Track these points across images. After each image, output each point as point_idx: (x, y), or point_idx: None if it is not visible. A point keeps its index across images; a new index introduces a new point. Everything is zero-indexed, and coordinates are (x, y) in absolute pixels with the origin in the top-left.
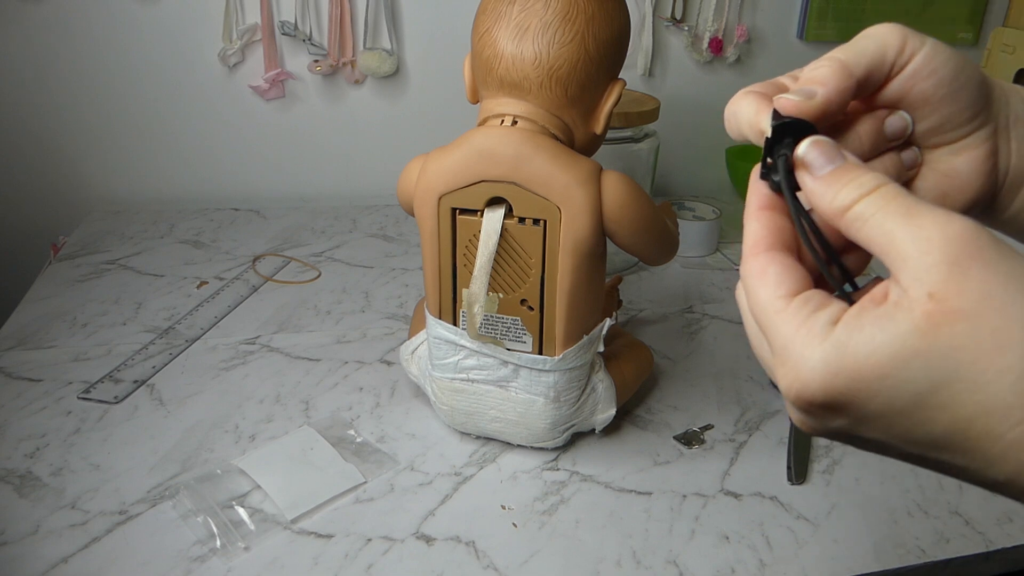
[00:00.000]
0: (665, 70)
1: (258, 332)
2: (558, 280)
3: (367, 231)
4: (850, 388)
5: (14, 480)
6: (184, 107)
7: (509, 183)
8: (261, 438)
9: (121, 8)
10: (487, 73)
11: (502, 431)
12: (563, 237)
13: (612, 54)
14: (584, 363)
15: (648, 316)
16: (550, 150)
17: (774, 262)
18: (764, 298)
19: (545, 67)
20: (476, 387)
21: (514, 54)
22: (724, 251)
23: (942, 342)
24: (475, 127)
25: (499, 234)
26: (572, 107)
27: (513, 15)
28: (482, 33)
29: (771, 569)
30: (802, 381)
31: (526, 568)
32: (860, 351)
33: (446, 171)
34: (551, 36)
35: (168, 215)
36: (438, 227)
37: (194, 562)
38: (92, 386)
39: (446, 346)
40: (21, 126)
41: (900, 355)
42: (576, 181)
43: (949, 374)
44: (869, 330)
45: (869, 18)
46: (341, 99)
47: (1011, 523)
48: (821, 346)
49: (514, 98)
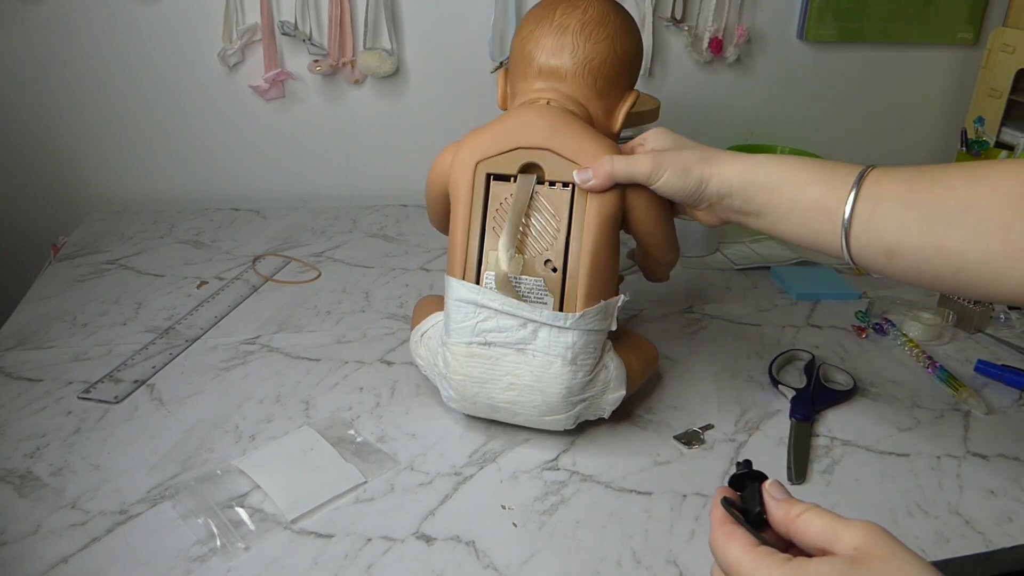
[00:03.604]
0: (665, 70)
1: (258, 332)
2: (583, 240)
3: (367, 231)
4: None
5: (14, 480)
6: (184, 107)
7: (543, 149)
8: (261, 438)
9: (121, 8)
10: (527, 66)
11: (515, 401)
12: (589, 199)
13: (631, 63)
14: (601, 329)
15: (648, 316)
16: (581, 124)
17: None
18: (736, 548)
19: (581, 58)
20: (493, 351)
21: (554, 46)
22: (724, 251)
23: (863, 568)
24: None
25: (530, 195)
26: (599, 99)
27: (555, 18)
28: (525, 34)
29: None
30: None
31: (526, 568)
32: (811, 572)
33: (485, 140)
34: (588, 33)
35: (168, 215)
36: (472, 191)
37: (194, 562)
38: (92, 386)
39: (466, 308)
40: (21, 126)
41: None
42: (605, 150)
43: None
44: (817, 564)
45: (869, 18)
46: (341, 99)
47: (1011, 523)
48: (780, 568)
49: (550, 83)
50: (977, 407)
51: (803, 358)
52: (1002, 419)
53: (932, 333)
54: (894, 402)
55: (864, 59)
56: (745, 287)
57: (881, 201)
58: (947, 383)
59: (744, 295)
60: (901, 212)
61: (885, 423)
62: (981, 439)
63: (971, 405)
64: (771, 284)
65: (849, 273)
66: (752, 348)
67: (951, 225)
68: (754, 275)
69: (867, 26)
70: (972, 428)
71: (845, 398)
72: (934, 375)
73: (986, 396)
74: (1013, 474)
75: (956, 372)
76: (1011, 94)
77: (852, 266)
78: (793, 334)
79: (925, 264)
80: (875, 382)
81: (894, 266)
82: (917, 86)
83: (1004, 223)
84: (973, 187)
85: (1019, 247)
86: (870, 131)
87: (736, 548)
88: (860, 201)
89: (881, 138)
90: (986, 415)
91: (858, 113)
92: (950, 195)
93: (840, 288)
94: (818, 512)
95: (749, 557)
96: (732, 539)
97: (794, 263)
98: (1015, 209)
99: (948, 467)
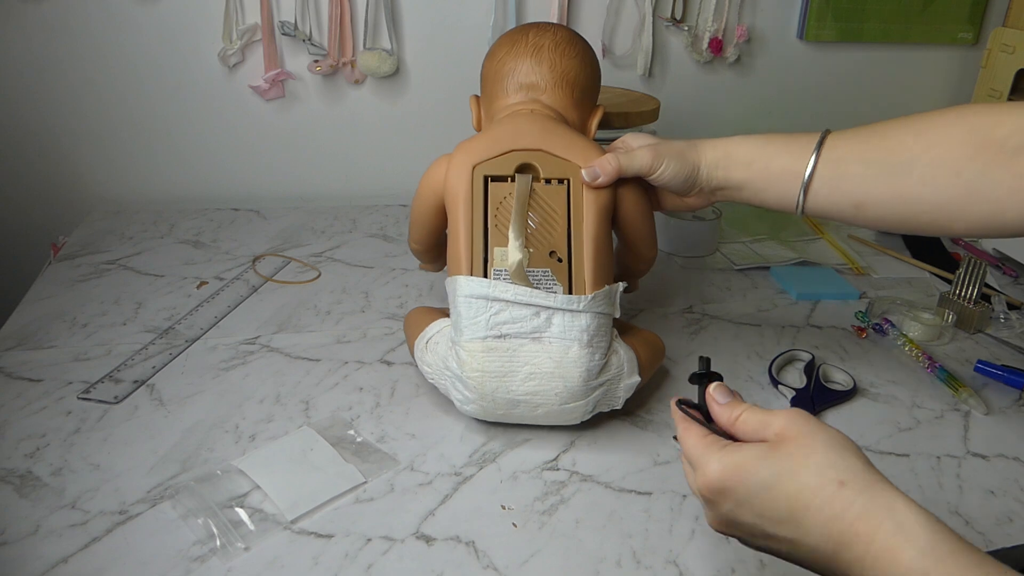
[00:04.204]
0: (665, 70)
1: (258, 332)
2: (584, 229)
3: (367, 231)
4: (731, 478)
5: (14, 480)
6: (184, 107)
7: (536, 150)
8: (261, 438)
9: (121, 8)
10: (505, 84)
11: (536, 391)
12: (586, 193)
13: (596, 80)
14: (608, 313)
15: (648, 316)
16: (568, 127)
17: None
18: (691, 439)
19: (559, 71)
20: (509, 342)
21: (532, 63)
22: (724, 251)
23: (779, 452)
24: None
25: (529, 191)
26: (575, 109)
27: (529, 40)
28: (501, 56)
29: (771, 569)
30: (706, 476)
31: (526, 568)
32: (736, 458)
33: (478, 146)
34: (562, 51)
35: (168, 215)
36: (471, 192)
37: (194, 562)
38: (92, 386)
39: (478, 303)
40: (21, 126)
41: (757, 460)
42: (593, 149)
43: (782, 469)
44: (747, 448)
45: (869, 18)
46: (341, 99)
47: (1011, 523)
48: (716, 455)
49: (531, 96)
50: (977, 407)
51: (803, 358)
52: (1002, 419)
53: (932, 333)
54: (894, 402)
55: (864, 59)
56: (745, 287)
57: (842, 161)
58: (947, 383)
59: (744, 295)
60: (863, 169)
61: (885, 423)
62: (981, 439)
63: (971, 405)
64: (771, 284)
65: (849, 273)
66: (752, 348)
67: (908, 175)
68: (754, 275)
69: (867, 26)
70: (972, 428)
71: (845, 398)
72: (934, 375)
73: (986, 396)
74: (1013, 474)
75: (956, 372)
76: (1011, 94)
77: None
78: (793, 334)
79: (890, 212)
80: (875, 382)
81: (862, 216)
82: (917, 86)
83: (955, 169)
84: (922, 139)
85: (970, 188)
86: None
87: (691, 439)
88: (821, 163)
89: None
90: (986, 415)
91: (858, 113)
92: (903, 148)
93: (840, 288)
94: (752, 411)
95: (700, 446)
96: (688, 433)
97: (794, 263)
98: (963, 156)
99: (948, 467)
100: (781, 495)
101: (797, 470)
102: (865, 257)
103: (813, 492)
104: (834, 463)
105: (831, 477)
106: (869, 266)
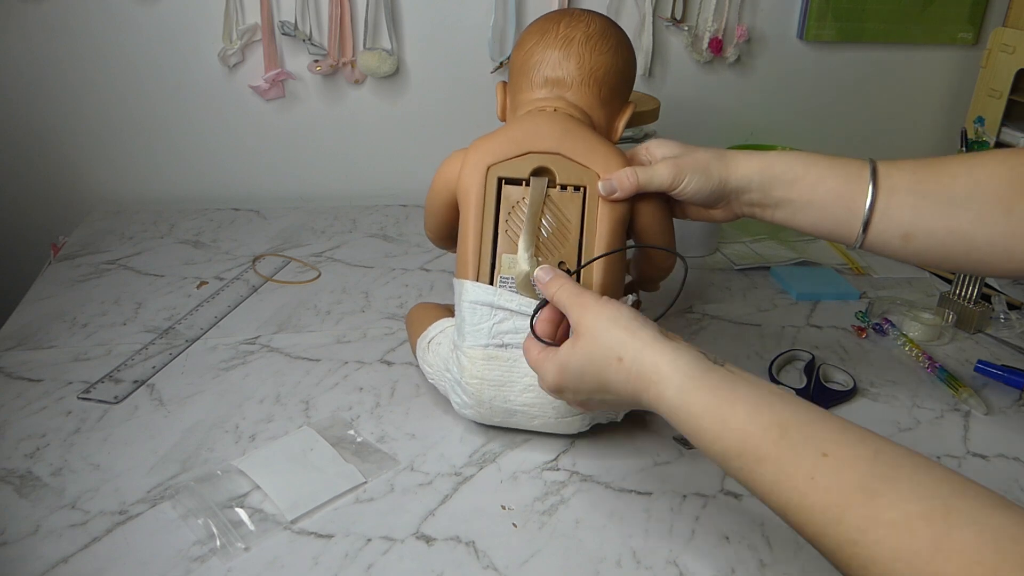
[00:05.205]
0: (665, 70)
1: (258, 332)
2: (596, 241)
3: (367, 231)
4: (560, 377)
5: (14, 480)
6: (184, 107)
7: (554, 154)
8: (261, 438)
9: (121, 8)
10: (531, 77)
11: (533, 403)
12: (601, 204)
13: (629, 76)
14: None
15: (648, 316)
16: (590, 130)
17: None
18: (532, 354)
19: (587, 68)
20: (510, 352)
21: (560, 56)
22: (724, 251)
23: (578, 347)
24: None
25: (544, 197)
26: (602, 107)
27: (560, 31)
28: (529, 47)
29: (771, 569)
30: (546, 381)
31: (526, 568)
32: (558, 359)
33: (495, 145)
34: (592, 45)
35: (168, 215)
36: (484, 195)
37: (194, 562)
38: (92, 386)
39: (482, 310)
40: (21, 126)
41: (569, 357)
42: (615, 156)
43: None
44: (560, 352)
45: (869, 18)
46: (341, 99)
47: None
48: (548, 364)
49: (556, 92)
50: (977, 407)
51: (803, 358)
52: (1002, 419)
53: (932, 333)
54: (894, 402)
55: (864, 59)
56: (745, 287)
57: (895, 191)
58: (947, 383)
59: (744, 295)
60: (915, 200)
61: (885, 423)
62: (981, 439)
63: (971, 405)
64: (771, 284)
65: (849, 273)
66: (752, 348)
67: (960, 209)
68: (754, 275)
69: (867, 26)
70: (972, 428)
71: (845, 398)
72: (934, 375)
73: (986, 396)
74: (1013, 474)
75: (956, 372)
76: (1011, 94)
77: (856, 248)
78: (793, 334)
79: (939, 245)
80: (875, 382)
81: (910, 248)
82: (917, 86)
83: (1006, 206)
84: (973, 175)
85: (1021, 226)
86: (870, 131)
87: (531, 354)
88: (879, 192)
89: (881, 138)
90: (986, 415)
91: (858, 113)
92: (954, 183)
93: (840, 288)
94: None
95: (538, 360)
96: (530, 350)
97: (794, 263)
98: (1014, 193)
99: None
100: (591, 377)
101: (592, 358)
102: (865, 257)
103: (606, 370)
104: (611, 345)
105: (613, 356)
106: (869, 266)
